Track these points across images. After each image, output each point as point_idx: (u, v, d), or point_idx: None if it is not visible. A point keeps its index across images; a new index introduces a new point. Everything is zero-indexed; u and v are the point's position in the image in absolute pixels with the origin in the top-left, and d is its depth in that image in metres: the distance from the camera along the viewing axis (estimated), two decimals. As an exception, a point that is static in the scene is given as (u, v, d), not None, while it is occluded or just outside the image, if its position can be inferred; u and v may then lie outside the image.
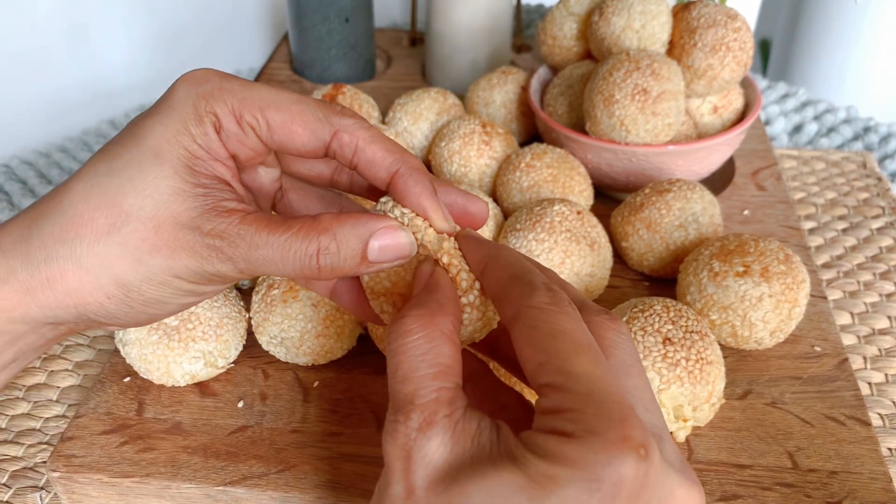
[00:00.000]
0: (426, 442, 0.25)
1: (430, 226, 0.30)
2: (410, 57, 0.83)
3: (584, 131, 0.57)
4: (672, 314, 0.41)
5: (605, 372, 0.25)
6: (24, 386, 0.48)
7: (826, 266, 0.57)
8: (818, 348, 0.46)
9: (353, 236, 0.28)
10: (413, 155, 0.30)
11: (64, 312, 0.28)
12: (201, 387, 0.44)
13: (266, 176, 0.33)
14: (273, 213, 0.33)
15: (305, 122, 0.28)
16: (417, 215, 0.30)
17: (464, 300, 0.29)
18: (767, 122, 0.76)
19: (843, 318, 0.52)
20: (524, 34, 0.90)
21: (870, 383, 0.48)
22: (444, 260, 0.29)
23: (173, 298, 0.29)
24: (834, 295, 0.54)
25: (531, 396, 0.36)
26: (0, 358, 0.29)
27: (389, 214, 0.30)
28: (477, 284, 0.30)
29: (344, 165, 0.31)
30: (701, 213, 0.49)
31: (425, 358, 0.26)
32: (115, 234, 0.27)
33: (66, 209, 0.27)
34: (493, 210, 0.52)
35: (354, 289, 0.33)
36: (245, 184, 0.32)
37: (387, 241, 0.28)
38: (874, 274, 0.56)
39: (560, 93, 0.60)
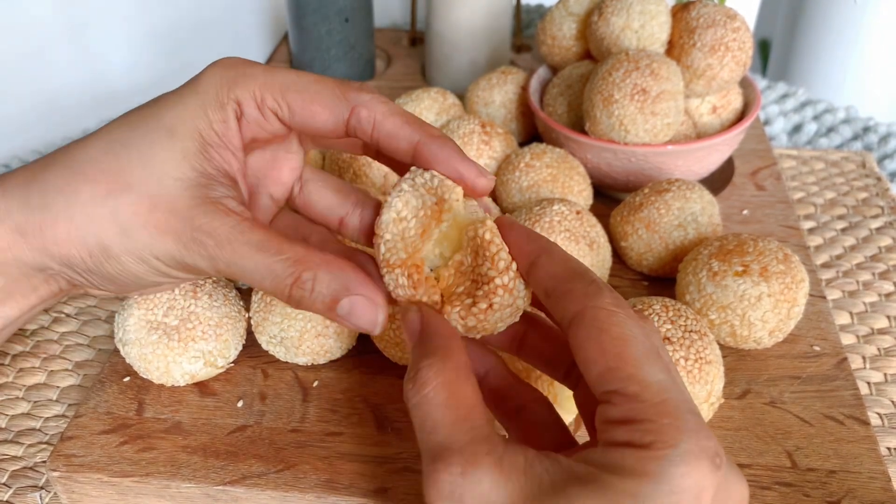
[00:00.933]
0: (476, 485, 0.24)
1: (465, 189, 0.30)
2: (410, 57, 0.83)
3: (583, 131, 0.57)
4: (671, 314, 0.41)
5: (673, 380, 0.24)
6: (24, 386, 0.48)
7: (825, 266, 0.57)
8: (817, 348, 0.46)
9: (330, 286, 0.27)
10: (431, 125, 0.30)
11: (50, 260, 0.29)
12: (201, 386, 0.44)
13: (286, 164, 0.33)
14: (271, 221, 0.33)
15: (324, 101, 0.29)
16: (447, 178, 0.29)
17: (498, 281, 0.28)
18: (767, 122, 0.76)
19: (843, 318, 0.52)
20: (524, 34, 0.90)
21: (869, 383, 0.48)
22: (486, 236, 0.28)
23: (148, 275, 0.29)
24: (833, 294, 0.54)
25: (549, 392, 0.36)
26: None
27: (418, 180, 0.29)
28: (514, 266, 0.29)
29: (366, 142, 0.30)
30: (700, 212, 0.49)
31: (449, 403, 0.25)
32: (110, 200, 0.27)
33: (73, 165, 0.28)
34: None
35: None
36: (263, 173, 0.32)
37: (357, 310, 0.28)
38: (873, 274, 0.56)
39: (559, 93, 0.60)
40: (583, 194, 0.54)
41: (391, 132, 0.29)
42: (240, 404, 0.43)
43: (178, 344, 0.42)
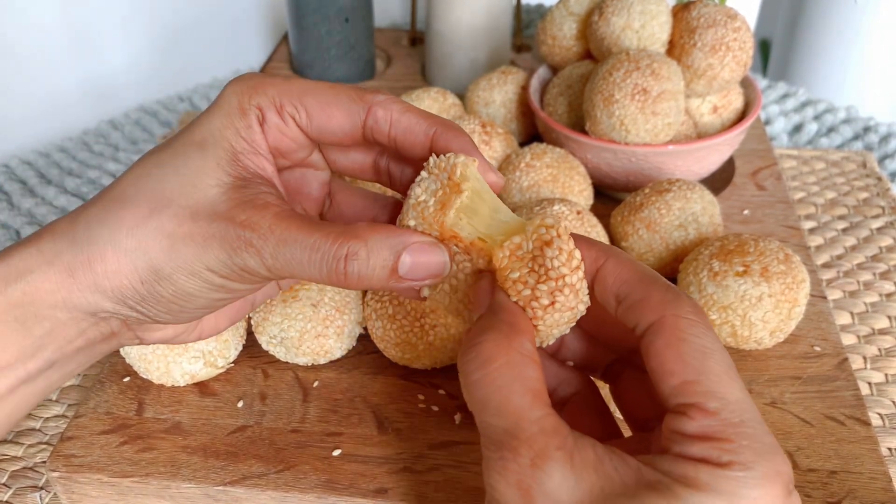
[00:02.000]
0: (546, 479, 0.23)
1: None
2: (410, 57, 0.83)
3: (583, 131, 0.57)
4: (672, 314, 0.41)
5: (750, 400, 0.24)
6: (23, 386, 0.48)
7: (826, 266, 0.57)
8: (818, 348, 0.46)
9: (386, 246, 0.27)
10: (446, 118, 0.30)
11: (102, 299, 0.28)
12: (201, 386, 0.44)
13: (315, 180, 0.33)
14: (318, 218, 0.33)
15: (340, 103, 0.29)
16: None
17: (569, 279, 0.27)
18: (767, 122, 0.76)
19: (843, 318, 0.52)
20: (524, 34, 0.90)
21: (870, 383, 0.48)
22: (562, 232, 0.27)
23: (203, 292, 0.28)
24: (834, 295, 0.54)
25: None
26: (38, 357, 0.28)
27: (433, 164, 0.29)
28: (583, 267, 0.27)
29: (382, 144, 0.30)
30: (701, 212, 0.49)
31: (514, 387, 0.24)
32: (153, 218, 0.27)
33: (112, 196, 0.28)
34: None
35: None
36: (294, 189, 0.33)
37: (420, 257, 0.27)
38: (874, 274, 0.56)
39: (560, 92, 0.60)
40: (583, 194, 0.54)
41: (408, 127, 0.29)
42: (240, 404, 0.43)
43: (178, 344, 0.42)
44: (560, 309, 0.27)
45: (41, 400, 0.31)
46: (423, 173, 0.30)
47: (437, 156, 0.29)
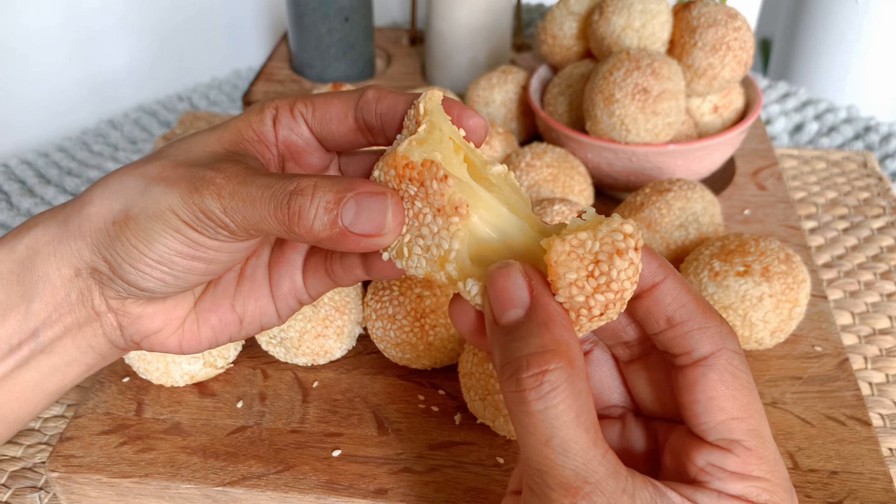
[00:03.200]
0: None
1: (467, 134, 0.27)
2: (410, 56, 0.83)
3: (584, 130, 0.56)
4: (672, 314, 0.41)
5: (772, 436, 0.26)
6: (22, 386, 0.48)
7: (827, 266, 0.56)
8: (819, 348, 0.46)
9: (332, 189, 0.25)
10: None
11: (83, 245, 0.29)
12: (200, 387, 0.44)
13: None
14: None
15: (341, 96, 0.30)
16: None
17: (627, 294, 0.24)
18: (768, 122, 0.76)
19: (844, 318, 0.52)
20: (524, 33, 0.90)
21: (870, 383, 0.48)
22: (638, 242, 0.24)
23: (162, 237, 0.28)
24: (834, 295, 0.54)
25: None
26: (29, 327, 0.29)
27: (406, 124, 0.28)
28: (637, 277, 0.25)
29: (371, 124, 0.30)
30: (701, 212, 0.49)
31: (581, 421, 0.23)
32: (142, 167, 0.29)
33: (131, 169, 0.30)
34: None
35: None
36: None
37: (365, 205, 0.25)
38: (875, 274, 0.55)
39: (560, 92, 0.60)
40: (583, 194, 0.54)
41: (392, 102, 0.29)
42: (239, 405, 0.43)
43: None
44: (605, 320, 0.25)
45: (37, 405, 0.31)
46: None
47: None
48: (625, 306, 0.25)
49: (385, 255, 0.27)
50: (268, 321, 0.33)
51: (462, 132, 0.27)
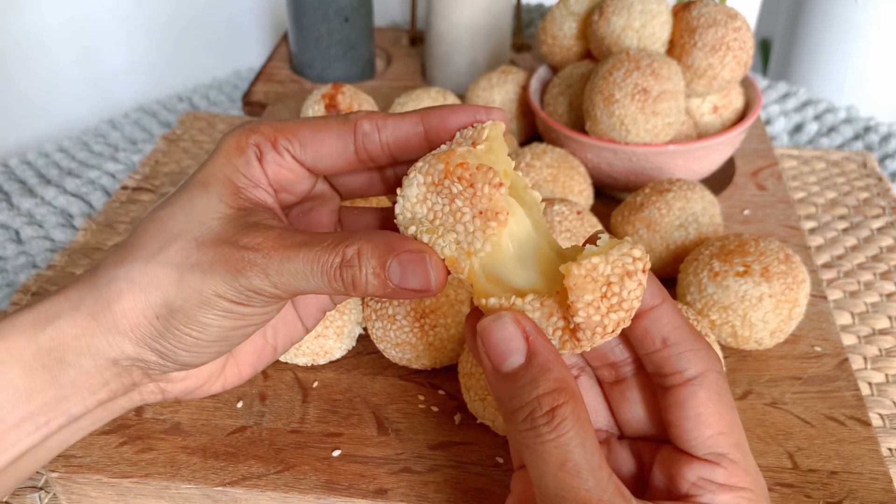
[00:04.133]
0: None
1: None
2: (410, 56, 0.83)
3: (583, 131, 0.56)
4: (672, 314, 0.41)
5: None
6: (23, 386, 0.48)
7: (826, 266, 0.56)
8: (818, 348, 0.46)
9: (376, 254, 0.27)
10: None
11: (122, 340, 0.28)
12: (200, 387, 0.44)
13: (324, 210, 0.33)
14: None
15: (329, 128, 0.30)
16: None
17: (635, 312, 0.27)
18: (768, 122, 0.76)
19: (844, 318, 0.52)
20: (524, 33, 0.90)
21: (870, 383, 0.48)
22: (646, 268, 0.27)
23: (216, 320, 0.28)
24: (834, 295, 0.54)
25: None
26: (61, 408, 0.29)
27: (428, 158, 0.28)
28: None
29: (378, 156, 0.30)
30: (701, 212, 0.49)
31: (587, 445, 0.25)
32: (162, 253, 0.28)
33: (128, 241, 0.29)
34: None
35: None
36: (305, 225, 0.33)
37: (408, 266, 0.27)
38: (874, 274, 0.56)
39: (560, 92, 0.60)
40: (583, 194, 0.54)
41: (397, 125, 0.30)
42: (239, 405, 0.43)
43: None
44: (614, 335, 0.27)
45: (53, 454, 0.31)
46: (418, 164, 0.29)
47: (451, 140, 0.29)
48: (630, 322, 0.27)
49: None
50: (297, 336, 0.35)
51: (512, 163, 0.29)
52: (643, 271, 0.26)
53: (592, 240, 0.27)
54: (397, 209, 0.28)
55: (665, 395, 0.28)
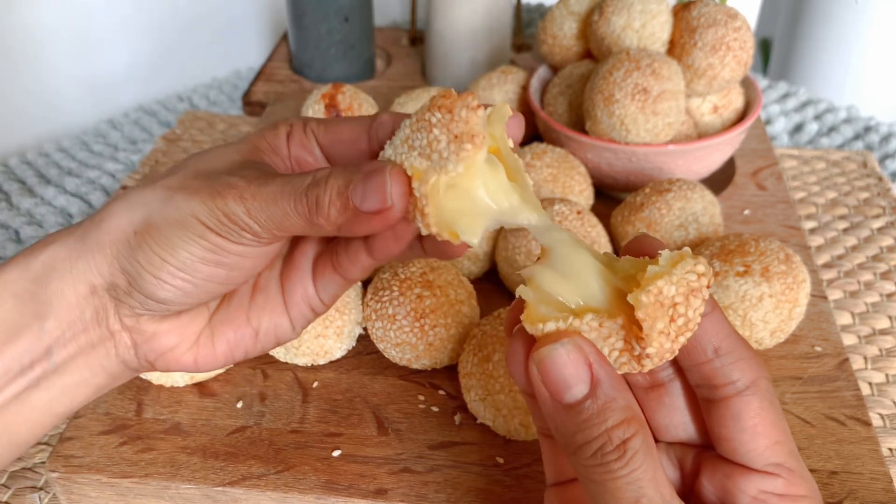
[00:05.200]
0: None
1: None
2: (410, 56, 0.83)
3: (584, 131, 0.56)
4: (672, 314, 0.41)
5: None
6: (22, 386, 0.48)
7: (827, 266, 0.56)
8: (819, 348, 0.46)
9: (343, 175, 0.27)
10: None
11: (101, 259, 0.29)
12: (200, 387, 0.44)
13: None
14: None
15: (353, 120, 0.31)
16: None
17: (684, 340, 0.25)
18: (768, 122, 0.76)
19: (844, 318, 0.52)
20: (524, 33, 0.90)
21: (870, 383, 0.48)
22: (710, 283, 0.25)
23: (189, 245, 0.28)
24: (834, 295, 0.54)
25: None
26: (42, 346, 0.29)
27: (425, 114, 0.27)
28: None
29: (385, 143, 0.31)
30: (701, 212, 0.49)
31: (658, 477, 0.24)
32: (162, 179, 0.29)
33: (149, 183, 0.30)
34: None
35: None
36: None
37: (368, 182, 0.26)
38: (875, 274, 0.55)
39: (560, 92, 0.60)
40: (583, 194, 0.54)
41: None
42: (239, 405, 0.43)
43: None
44: (675, 354, 0.26)
45: (44, 427, 0.30)
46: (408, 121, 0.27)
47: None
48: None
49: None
50: (283, 333, 0.33)
51: (511, 142, 0.28)
52: (707, 287, 0.25)
53: (649, 252, 0.26)
54: (381, 153, 0.28)
55: (714, 407, 0.27)
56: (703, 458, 0.28)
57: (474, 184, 0.26)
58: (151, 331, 0.31)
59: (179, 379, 0.43)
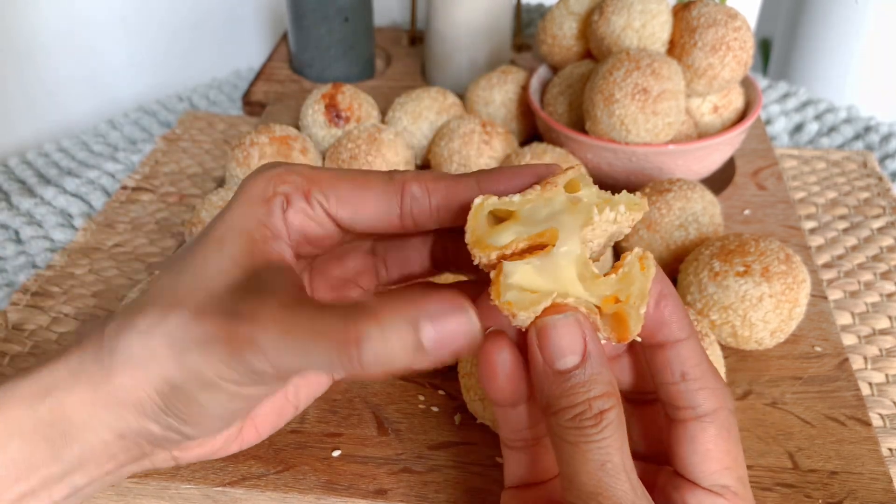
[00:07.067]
0: None
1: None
2: (410, 56, 0.83)
3: (583, 131, 0.56)
4: (672, 314, 0.41)
5: None
6: (22, 386, 0.48)
7: (827, 266, 0.56)
8: (819, 348, 0.46)
9: (403, 319, 0.23)
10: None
11: (126, 413, 0.26)
12: (200, 387, 0.44)
13: (357, 252, 0.31)
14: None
15: (372, 185, 0.27)
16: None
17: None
18: (768, 122, 0.76)
19: (844, 318, 0.52)
20: (524, 33, 0.90)
21: (870, 383, 0.48)
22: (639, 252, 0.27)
23: (219, 402, 0.26)
24: (834, 295, 0.54)
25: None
26: (66, 483, 0.27)
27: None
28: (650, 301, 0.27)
29: (426, 223, 0.28)
30: (701, 212, 0.49)
31: (624, 450, 0.26)
32: (162, 324, 0.26)
33: (137, 300, 0.27)
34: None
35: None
36: (337, 279, 0.31)
37: (446, 325, 0.23)
38: (875, 274, 0.55)
39: (560, 92, 0.60)
40: (583, 194, 0.54)
41: (450, 189, 0.27)
42: (239, 405, 0.43)
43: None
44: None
45: None
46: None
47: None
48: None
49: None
50: (321, 390, 0.33)
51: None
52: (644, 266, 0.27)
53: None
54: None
55: (675, 427, 0.29)
56: (660, 471, 0.30)
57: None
58: (194, 445, 0.30)
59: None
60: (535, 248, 0.26)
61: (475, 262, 0.26)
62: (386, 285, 0.32)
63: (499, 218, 0.26)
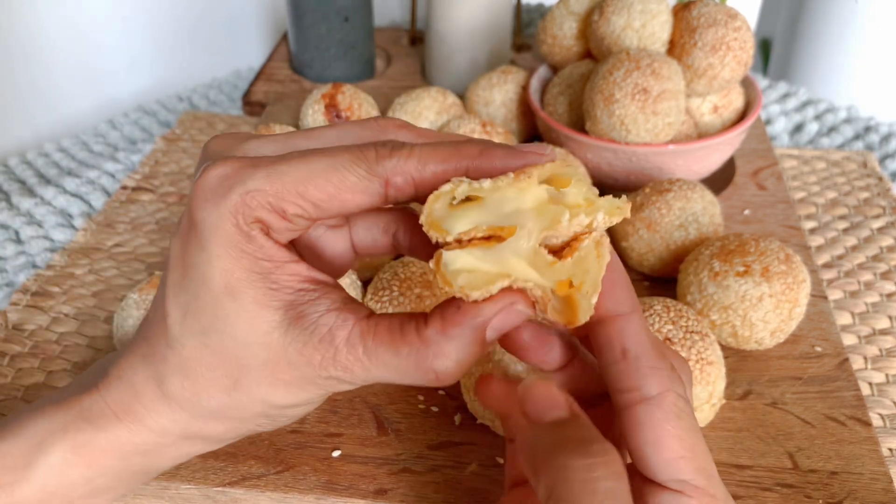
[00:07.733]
0: None
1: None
2: (410, 56, 0.83)
3: (584, 131, 0.56)
4: (672, 314, 0.41)
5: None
6: (22, 386, 0.48)
7: (827, 266, 0.56)
8: (819, 348, 0.46)
9: (469, 328, 0.25)
10: (466, 139, 0.27)
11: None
12: (200, 387, 0.44)
13: (339, 231, 0.31)
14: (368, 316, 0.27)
15: (352, 186, 0.25)
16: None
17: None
18: (768, 122, 0.76)
19: (844, 318, 0.52)
20: (524, 33, 0.90)
21: (870, 383, 0.48)
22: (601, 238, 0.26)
23: (300, 412, 0.30)
24: (834, 295, 0.54)
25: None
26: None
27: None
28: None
29: (403, 199, 0.27)
30: (701, 212, 0.49)
31: (626, 489, 0.24)
32: (240, 388, 0.27)
33: (187, 369, 0.27)
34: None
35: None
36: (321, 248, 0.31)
37: (505, 320, 0.25)
38: (875, 274, 0.55)
39: (560, 92, 0.60)
40: (583, 194, 0.54)
41: (433, 178, 0.26)
42: (239, 405, 0.43)
43: None
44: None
45: None
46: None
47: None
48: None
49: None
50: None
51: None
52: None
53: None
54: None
55: (623, 416, 0.27)
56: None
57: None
58: None
59: (179, 379, 0.43)
60: (493, 237, 0.25)
61: (433, 241, 0.25)
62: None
63: (467, 197, 0.26)
